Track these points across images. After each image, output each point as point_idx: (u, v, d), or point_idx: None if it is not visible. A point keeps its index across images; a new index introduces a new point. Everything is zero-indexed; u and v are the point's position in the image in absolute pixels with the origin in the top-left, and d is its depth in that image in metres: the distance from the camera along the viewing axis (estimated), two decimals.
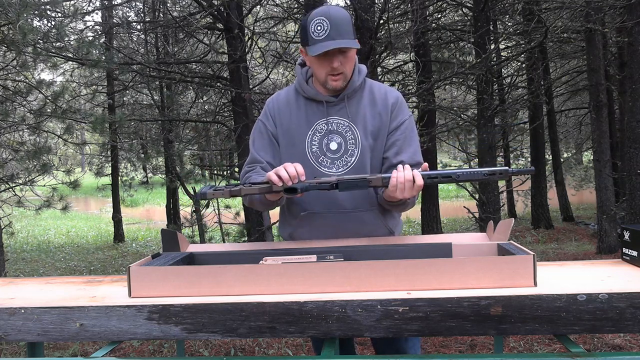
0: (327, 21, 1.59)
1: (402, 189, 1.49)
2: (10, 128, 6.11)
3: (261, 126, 1.79)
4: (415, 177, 1.49)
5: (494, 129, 5.97)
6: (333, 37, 1.59)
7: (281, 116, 1.76)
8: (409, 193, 1.50)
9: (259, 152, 1.76)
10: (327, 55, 1.62)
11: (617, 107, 9.96)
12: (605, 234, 6.48)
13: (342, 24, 1.60)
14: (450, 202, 15.96)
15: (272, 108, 1.79)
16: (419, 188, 1.50)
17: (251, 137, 1.83)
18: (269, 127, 1.77)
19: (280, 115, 1.76)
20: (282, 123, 1.76)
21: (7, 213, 6.24)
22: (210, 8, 5.41)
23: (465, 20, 7.55)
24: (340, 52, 1.63)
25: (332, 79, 1.66)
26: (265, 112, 1.80)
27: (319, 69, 1.67)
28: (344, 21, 1.61)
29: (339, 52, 1.62)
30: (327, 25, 1.59)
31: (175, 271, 1.30)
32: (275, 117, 1.77)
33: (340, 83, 1.67)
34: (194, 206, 5.65)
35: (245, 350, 3.70)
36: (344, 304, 1.19)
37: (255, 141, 1.80)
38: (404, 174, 1.49)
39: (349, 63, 1.66)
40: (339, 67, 1.63)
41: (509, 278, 1.25)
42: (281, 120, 1.76)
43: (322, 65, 1.65)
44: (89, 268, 8.12)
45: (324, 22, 1.59)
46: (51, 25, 5.39)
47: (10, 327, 1.25)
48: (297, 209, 1.75)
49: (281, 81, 7.60)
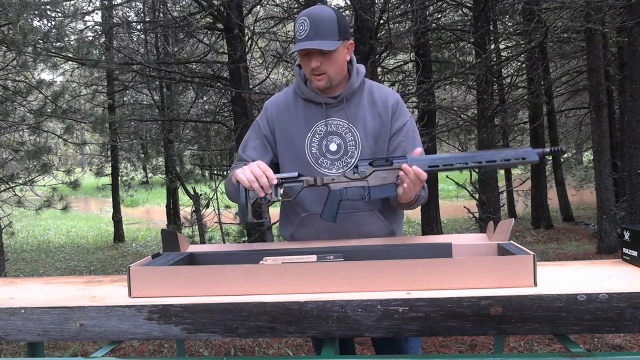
0: (308, 21, 1.61)
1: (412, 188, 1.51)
2: (10, 128, 6.11)
3: (257, 127, 1.80)
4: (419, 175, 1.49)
5: (494, 129, 5.97)
6: (311, 37, 1.60)
7: (280, 119, 1.76)
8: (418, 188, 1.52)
9: (249, 151, 1.77)
10: (308, 54, 1.64)
11: (617, 107, 9.97)
12: (605, 234, 6.48)
13: (323, 25, 1.60)
14: (450, 202, 15.95)
15: (270, 112, 1.79)
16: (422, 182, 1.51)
17: (246, 136, 1.83)
18: (263, 130, 1.78)
19: (279, 118, 1.76)
20: (281, 126, 1.76)
21: (7, 213, 6.24)
22: (210, 8, 5.41)
23: (465, 20, 7.55)
24: (321, 53, 1.63)
25: (314, 78, 1.67)
26: (263, 115, 1.80)
27: (304, 68, 1.69)
28: (325, 22, 1.61)
29: (320, 52, 1.62)
30: (307, 25, 1.60)
31: (175, 271, 1.30)
32: (273, 121, 1.77)
33: (323, 83, 1.67)
34: (194, 206, 5.65)
35: (245, 350, 3.70)
36: (344, 304, 1.19)
37: (248, 140, 1.80)
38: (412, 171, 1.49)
39: (332, 64, 1.65)
40: (319, 67, 1.64)
41: (509, 278, 1.24)
42: (280, 123, 1.76)
43: (305, 64, 1.67)
44: (89, 268, 8.12)
45: (305, 22, 1.61)
46: (51, 25, 5.40)
47: (10, 327, 1.25)
48: (298, 209, 1.75)
49: (281, 81, 7.59)
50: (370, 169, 1.55)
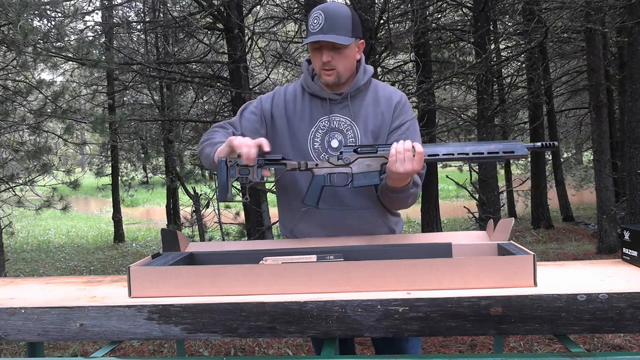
0: (323, 15, 1.62)
1: (402, 160, 1.47)
2: (10, 128, 6.11)
3: (257, 103, 1.80)
4: (415, 146, 1.47)
5: (494, 129, 5.97)
6: (325, 31, 1.61)
7: (286, 107, 1.76)
8: (411, 165, 1.47)
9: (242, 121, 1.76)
10: (319, 48, 1.65)
11: (617, 107, 9.97)
12: (605, 234, 6.48)
13: (338, 20, 1.61)
14: (450, 202, 15.95)
15: (278, 96, 1.79)
16: (420, 157, 1.47)
17: (243, 105, 1.83)
18: (265, 107, 1.77)
19: (286, 106, 1.77)
20: (287, 114, 1.76)
21: (7, 213, 6.24)
22: (210, 8, 5.41)
23: (465, 20, 7.55)
24: (334, 48, 1.64)
25: (324, 73, 1.67)
26: (270, 96, 1.80)
27: (314, 62, 1.70)
28: (340, 17, 1.62)
29: (332, 47, 1.63)
30: (322, 19, 1.61)
31: (175, 271, 1.30)
32: (277, 106, 1.77)
33: (332, 79, 1.67)
34: (194, 206, 5.66)
35: (245, 350, 3.70)
36: (344, 304, 1.18)
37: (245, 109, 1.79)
38: (404, 144, 1.48)
39: (343, 60, 1.66)
40: (330, 62, 1.64)
41: (509, 278, 1.24)
42: (286, 111, 1.76)
43: (316, 58, 1.68)
44: (89, 268, 8.12)
45: (320, 16, 1.62)
46: (51, 25, 5.39)
47: (10, 327, 1.25)
48: (298, 204, 1.75)
49: (281, 81, 7.59)
50: (355, 155, 1.55)
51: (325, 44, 1.63)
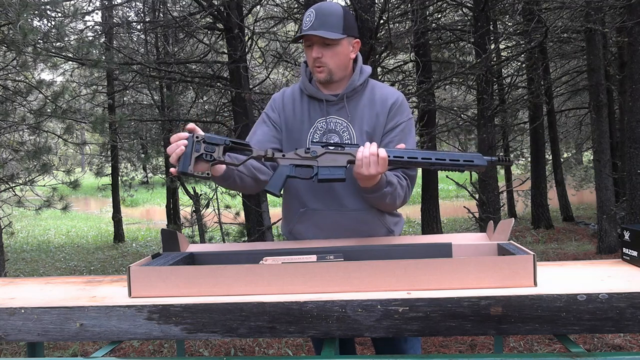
0: (314, 12, 1.65)
1: (367, 164, 1.49)
2: (10, 128, 6.10)
3: (264, 117, 1.81)
4: (379, 152, 1.49)
5: (494, 129, 5.97)
6: (315, 27, 1.63)
7: (285, 111, 1.78)
8: (375, 168, 1.49)
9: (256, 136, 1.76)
10: (311, 45, 1.67)
11: (617, 107, 9.96)
12: (605, 234, 6.48)
13: (329, 17, 1.64)
14: (450, 202, 15.95)
15: (277, 102, 1.81)
16: (384, 162, 1.49)
17: (252, 129, 1.83)
18: (272, 117, 1.79)
19: (285, 110, 1.78)
20: (287, 118, 1.77)
21: (7, 213, 6.24)
22: (210, 8, 5.41)
23: (465, 20, 7.55)
24: (324, 44, 1.65)
25: (315, 70, 1.69)
26: (271, 105, 1.83)
27: (308, 60, 1.72)
28: (331, 14, 1.64)
29: (323, 43, 1.65)
30: (313, 16, 1.64)
31: (175, 271, 1.30)
32: (280, 111, 1.79)
33: (323, 75, 1.69)
34: (194, 206, 5.65)
35: (245, 350, 3.70)
36: (344, 304, 1.18)
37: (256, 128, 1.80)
38: (369, 148, 1.50)
39: (334, 57, 1.67)
40: (320, 58, 1.66)
41: (509, 278, 1.24)
42: (285, 115, 1.78)
43: (308, 55, 1.70)
44: (89, 268, 8.12)
45: (312, 14, 1.65)
46: (51, 25, 5.40)
47: (10, 327, 1.25)
48: (296, 205, 1.75)
49: (281, 81, 7.59)
50: (322, 150, 1.56)
51: (316, 40, 1.65)
